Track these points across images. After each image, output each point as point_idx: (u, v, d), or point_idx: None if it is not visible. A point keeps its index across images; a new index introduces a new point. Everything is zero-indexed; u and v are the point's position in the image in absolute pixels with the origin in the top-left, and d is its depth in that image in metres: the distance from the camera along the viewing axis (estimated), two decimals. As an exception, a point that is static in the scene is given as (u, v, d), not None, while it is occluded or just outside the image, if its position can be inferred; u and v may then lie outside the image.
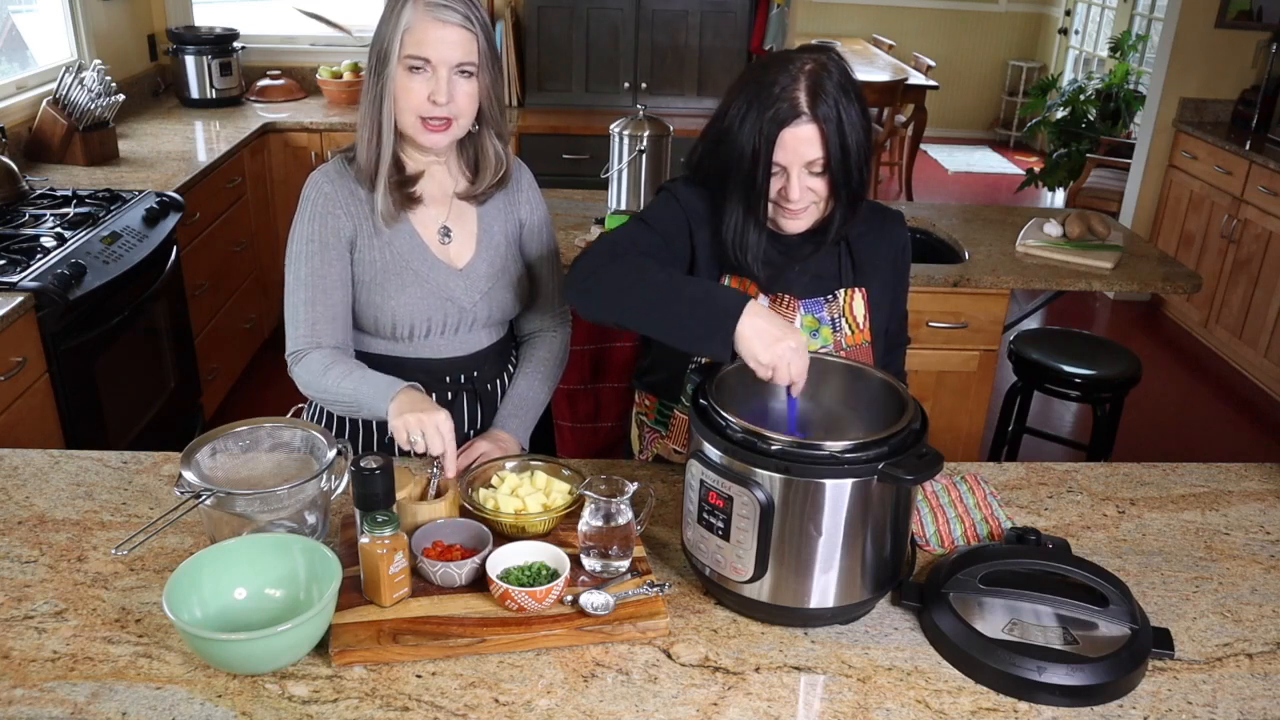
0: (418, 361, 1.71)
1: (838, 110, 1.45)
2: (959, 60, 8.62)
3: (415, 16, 1.52)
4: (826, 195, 1.52)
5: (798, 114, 1.44)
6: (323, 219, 1.63)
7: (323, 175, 1.66)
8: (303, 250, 1.63)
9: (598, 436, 2.56)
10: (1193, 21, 4.89)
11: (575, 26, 4.42)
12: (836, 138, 1.46)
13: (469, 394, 1.77)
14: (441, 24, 1.52)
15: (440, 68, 1.53)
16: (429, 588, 1.33)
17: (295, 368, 1.64)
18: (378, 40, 1.56)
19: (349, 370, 1.59)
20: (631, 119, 2.83)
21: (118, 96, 3.53)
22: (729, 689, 1.21)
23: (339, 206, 1.63)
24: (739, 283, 1.62)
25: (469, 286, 1.70)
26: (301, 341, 1.63)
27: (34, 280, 2.40)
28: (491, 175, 1.68)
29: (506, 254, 1.75)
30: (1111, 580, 1.32)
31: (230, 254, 3.74)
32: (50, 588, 1.34)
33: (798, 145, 1.46)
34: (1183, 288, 2.89)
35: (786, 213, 1.53)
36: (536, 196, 1.81)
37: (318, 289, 1.63)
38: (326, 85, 4.48)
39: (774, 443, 1.23)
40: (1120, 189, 5.45)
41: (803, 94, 1.44)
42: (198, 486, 1.31)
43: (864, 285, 1.67)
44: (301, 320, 1.63)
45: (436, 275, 1.67)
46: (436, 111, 1.56)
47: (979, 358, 2.94)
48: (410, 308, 1.66)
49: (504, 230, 1.75)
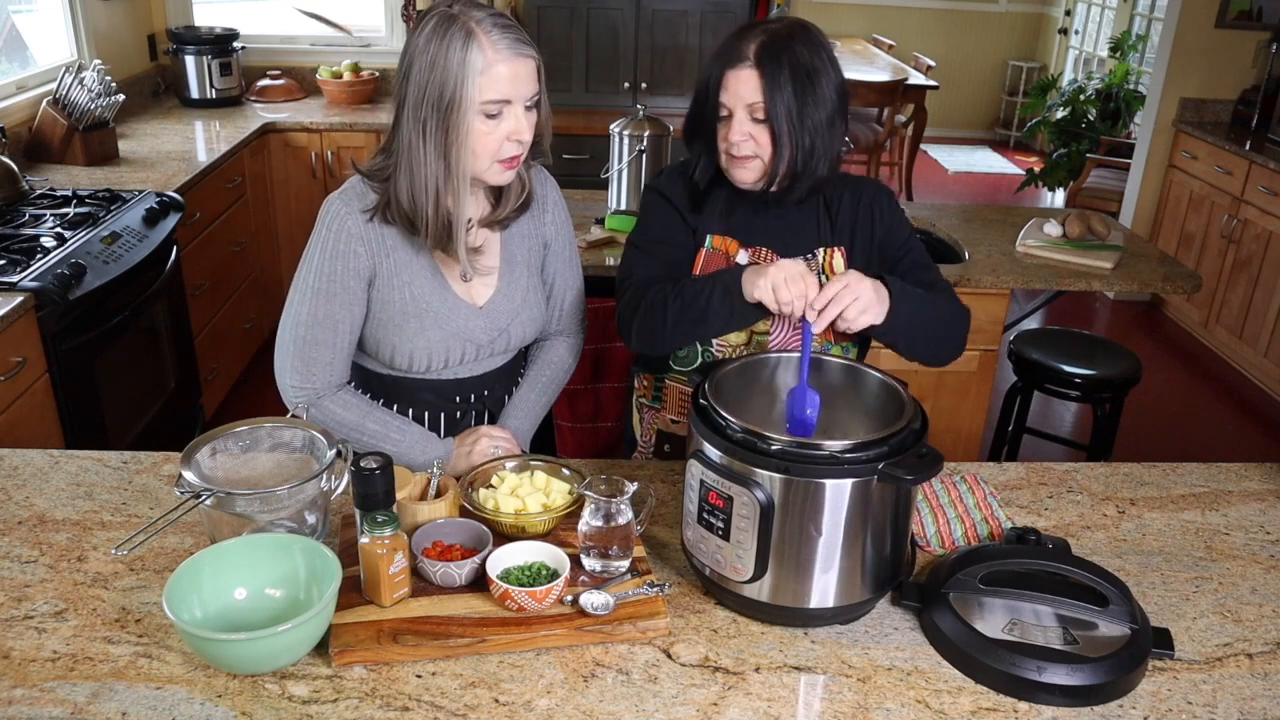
0: (426, 384, 1.69)
1: (788, 66, 1.52)
2: (959, 60, 8.62)
3: (487, 58, 1.41)
4: (769, 147, 1.56)
5: (743, 58, 1.54)
6: (343, 258, 1.54)
7: (344, 206, 1.54)
8: (321, 288, 1.55)
9: (598, 436, 2.56)
10: (1193, 21, 4.89)
11: (575, 26, 4.42)
12: (780, 88, 1.52)
13: (478, 411, 1.76)
14: (517, 58, 1.43)
15: (518, 104, 1.46)
16: (429, 588, 1.33)
17: (312, 410, 1.60)
18: (434, 85, 1.42)
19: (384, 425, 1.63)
20: (631, 119, 2.83)
21: (118, 96, 3.53)
22: (729, 689, 1.21)
23: (360, 244, 1.54)
24: (722, 241, 1.68)
25: (489, 325, 1.66)
26: (319, 381, 1.59)
27: (34, 280, 2.40)
28: (515, 200, 1.61)
29: (528, 284, 1.70)
30: (1111, 580, 1.32)
31: (230, 254, 3.74)
32: (50, 588, 1.34)
33: (738, 86, 1.54)
34: (1183, 288, 2.89)
35: (731, 160, 1.60)
36: (563, 215, 1.75)
37: (320, 329, 1.56)
38: (326, 85, 4.48)
39: (774, 443, 1.23)
40: (1120, 189, 5.45)
41: (754, 44, 1.54)
42: (198, 486, 1.31)
43: (843, 245, 1.68)
44: (317, 359, 1.58)
45: (457, 317, 1.62)
46: (516, 151, 1.49)
47: (979, 358, 2.94)
48: (428, 348, 1.62)
49: (526, 258, 1.70)
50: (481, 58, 1.41)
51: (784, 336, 1.65)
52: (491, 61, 1.42)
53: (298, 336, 1.57)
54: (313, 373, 1.59)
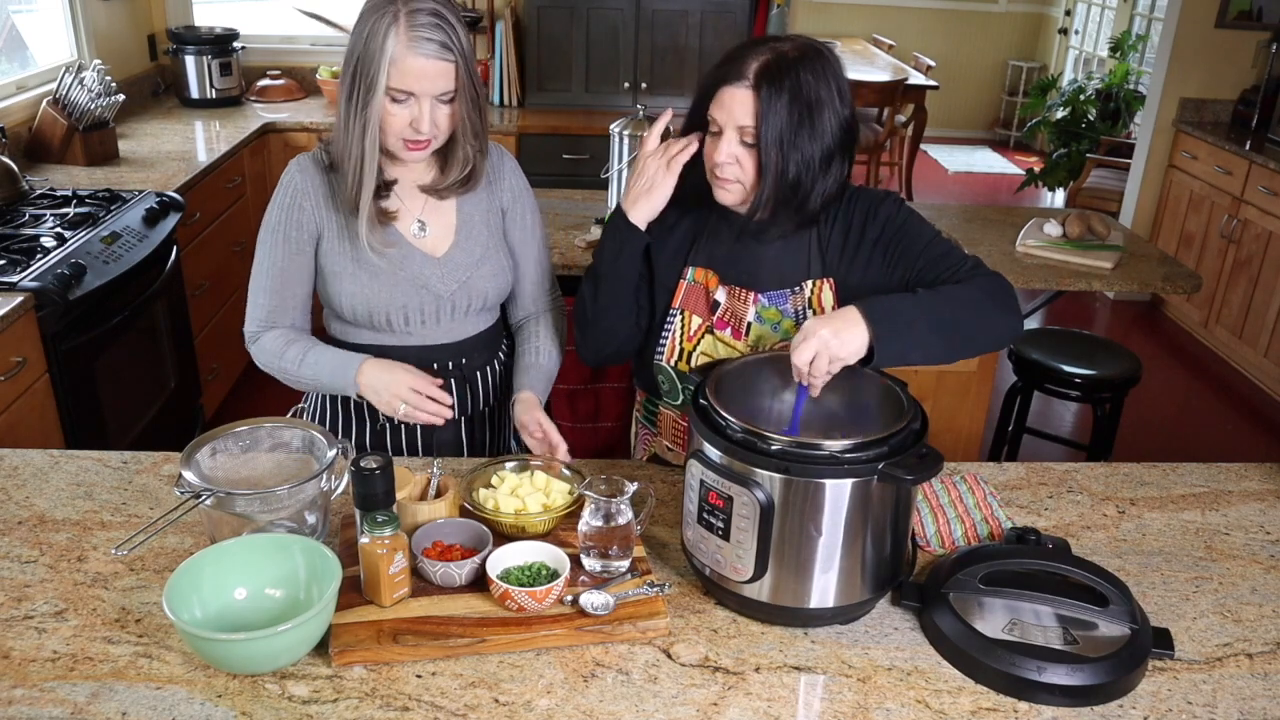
0: (403, 350, 1.72)
1: (788, 93, 1.44)
2: (959, 60, 8.62)
3: (399, 49, 1.49)
4: (754, 174, 1.50)
5: (741, 77, 1.46)
6: (289, 211, 1.66)
7: (297, 165, 1.68)
8: (268, 239, 1.68)
9: (598, 436, 2.56)
10: (1193, 21, 4.89)
11: (575, 26, 4.42)
12: (775, 115, 1.44)
13: (457, 380, 1.77)
14: (425, 58, 1.51)
15: (423, 99, 1.54)
16: (429, 588, 1.33)
17: (252, 347, 1.71)
18: (360, 62, 1.52)
19: (305, 350, 1.67)
20: (631, 119, 2.83)
21: (118, 96, 3.53)
22: (729, 689, 1.21)
23: (307, 199, 1.66)
24: (703, 274, 1.63)
25: (445, 275, 1.70)
26: (258, 324, 1.70)
27: (34, 280, 2.40)
28: (456, 174, 1.67)
29: (488, 242, 1.75)
30: (1111, 580, 1.32)
31: (230, 254, 3.74)
32: (50, 588, 1.34)
33: (732, 105, 1.47)
34: (1183, 288, 2.89)
35: (715, 179, 1.54)
36: (520, 183, 1.80)
37: (278, 279, 1.68)
38: (326, 85, 4.49)
39: (774, 443, 1.23)
40: (1120, 189, 5.45)
41: (757, 63, 1.46)
42: (198, 486, 1.31)
43: (833, 275, 1.60)
44: (261, 304, 1.69)
45: (411, 263, 1.68)
46: (419, 136, 1.57)
47: (979, 358, 2.94)
48: (385, 295, 1.67)
49: (485, 220, 1.75)
50: (394, 47, 1.50)
51: None
52: (402, 55, 1.50)
53: (260, 285, 1.69)
54: (274, 314, 1.69)
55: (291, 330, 1.71)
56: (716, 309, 1.63)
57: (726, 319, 1.62)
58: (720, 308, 1.63)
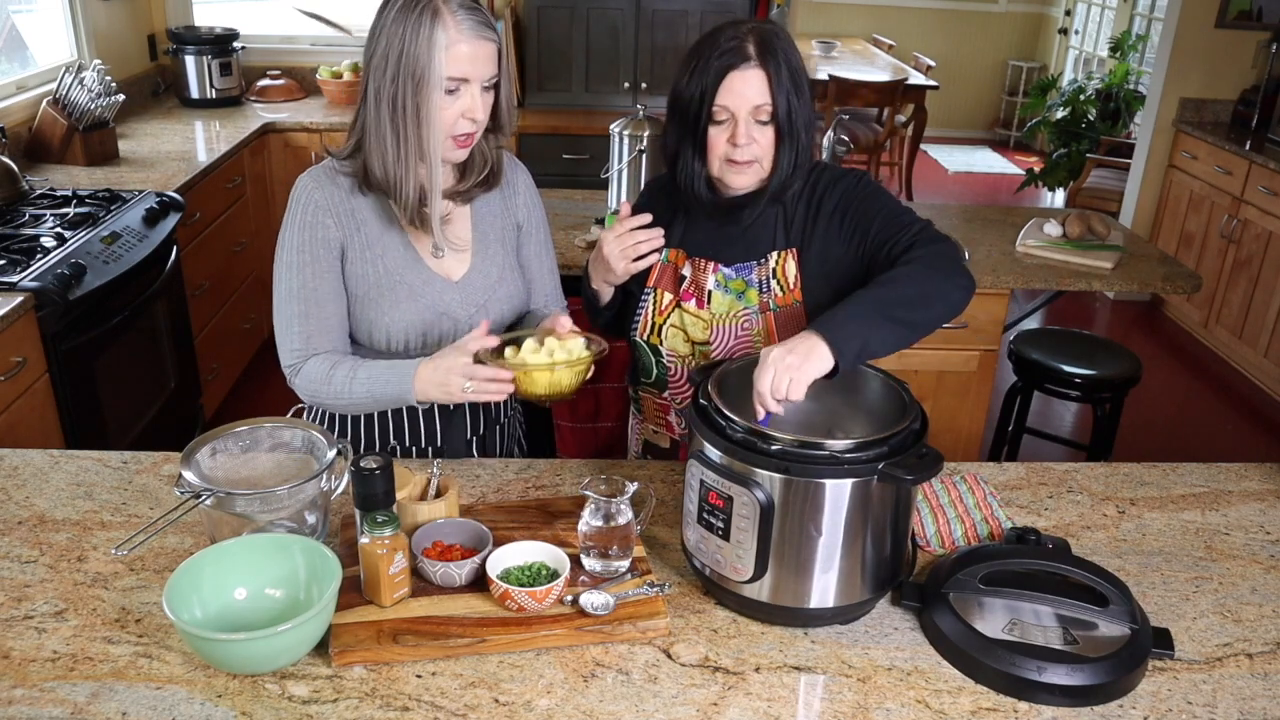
0: None
1: (786, 66, 1.50)
2: (959, 60, 8.62)
3: (450, 35, 1.46)
4: (772, 150, 1.54)
5: (746, 59, 1.49)
6: (311, 228, 1.58)
7: (312, 181, 1.60)
8: (294, 261, 1.59)
9: (598, 436, 2.56)
10: (1193, 21, 4.89)
11: (575, 26, 4.43)
12: (783, 88, 1.50)
13: None
14: (477, 40, 1.48)
15: (475, 84, 1.50)
16: (429, 588, 1.33)
17: (295, 380, 1.61)
18: (404, 61, 1.47)
19: (354, 368, 1.57)
20: (631, 119, 2.83)
21: (118, 96, 3.53)
22: (729, 689, 1.21)
23: (328, 215, 1.59)
24: (675, 254, 1.69)
25: (465, 300, 1.67)
26: (295, 355, 1.60)
27: (34, 280, 2.40)
28: (477, 174, 1.65)
29: (503, 263, 1.72)
30: (1111, 580, 1.32)
31: (230, 254, 3.74)
32: (50, 588, 1.34)
33: (745, 89, 1.49)
34: (1183, 288, 2.89)
35: (733, 166, 1.55)
36: (534, 198, 1.79)
37: (310, 301, 1.59)
38: (326, 85, 4.49)
39: (774, 442, 1.23)
40: (1120, 189, 5.45)
41: (752, 45, 1.50)
42: (198, 486, 1.31)
43: (796, 246, 1.62)
44: (296, 332, 1.60)
45: (431, 290, 1.64)
46: (469, 129, 1.53)
47: (979, 358, 2.94)
48: (405, 323, 1.63)
49: (500, 236, 1.73)
50: (445, 35, 1.47)
51: (726, 346, 1.65)
52: (454, 40, 1.47)
53: (292, 313, 1.60)
54: (312, 341, 1.60)
55: (330, 355, 1.61)
56: (683, 283, 1.68)
57: (690, 290, 1.67)
58: (686, 281, 1.68)
